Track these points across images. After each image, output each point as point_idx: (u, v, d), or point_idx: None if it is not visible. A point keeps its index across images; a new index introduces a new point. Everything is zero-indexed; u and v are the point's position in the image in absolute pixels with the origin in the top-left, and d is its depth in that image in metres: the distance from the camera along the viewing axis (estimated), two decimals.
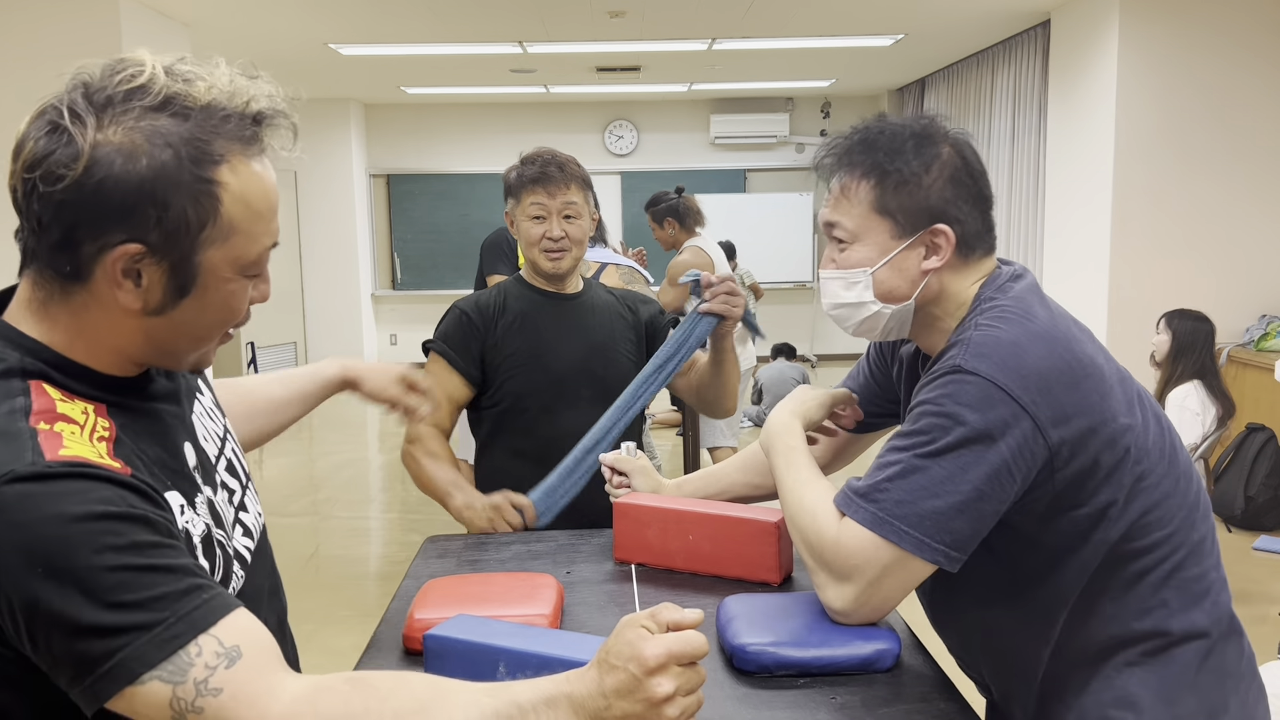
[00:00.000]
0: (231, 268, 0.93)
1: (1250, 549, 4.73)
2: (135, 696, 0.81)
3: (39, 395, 0.87)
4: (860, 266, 1.26)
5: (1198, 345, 3.88)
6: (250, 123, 0.92)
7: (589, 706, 0.85)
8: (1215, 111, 5.54)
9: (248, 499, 1.12)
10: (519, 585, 1.39)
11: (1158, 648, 1.19)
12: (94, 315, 0.91)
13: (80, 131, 0.84)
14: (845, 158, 1.28)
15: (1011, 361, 1.14)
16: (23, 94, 5.40)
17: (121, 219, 0.85)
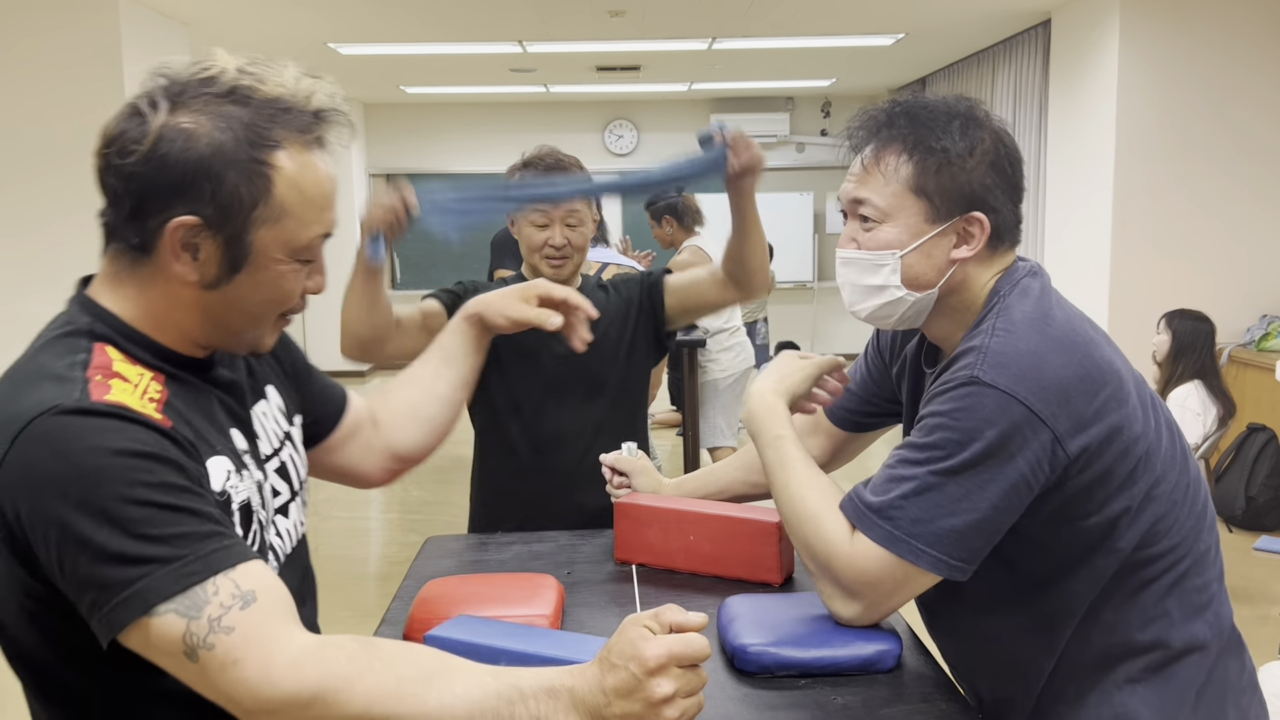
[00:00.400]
0: (283, 249, 0.98)
1: (1251, 549, 4.73)
2: (150, 629, 0.84)
3: (100, 354, 0.95)
4: (888, 248, 1.19)
5: (1198, 345, 3.88)
6: (310, 117, 0.99)
7: (589, 702, 0.85)
8: (1216, 111, 5.54)
9: (292, 506, 1.14)
10: (519, 585, 1.39)
11: (1159, 662, 1.17)
12: (158, 289, 0.99)
13: (153, 114, 0.94)
14: (886, 128, 1.20)
15: (1031, 372, 1.10)
16: (22, 92, 5.40)
17: (180, 192, 0.93)
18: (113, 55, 5.41)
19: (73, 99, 5.42)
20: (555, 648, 1.07)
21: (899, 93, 9.83)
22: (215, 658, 0.84)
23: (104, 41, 5.39)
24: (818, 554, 1.20)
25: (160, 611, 0.84)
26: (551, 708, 0.85)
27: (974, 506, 1.11)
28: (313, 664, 0.85)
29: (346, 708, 0.84)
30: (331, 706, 0.84)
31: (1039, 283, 1.22)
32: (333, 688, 0.84)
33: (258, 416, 1.12)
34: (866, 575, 1.16)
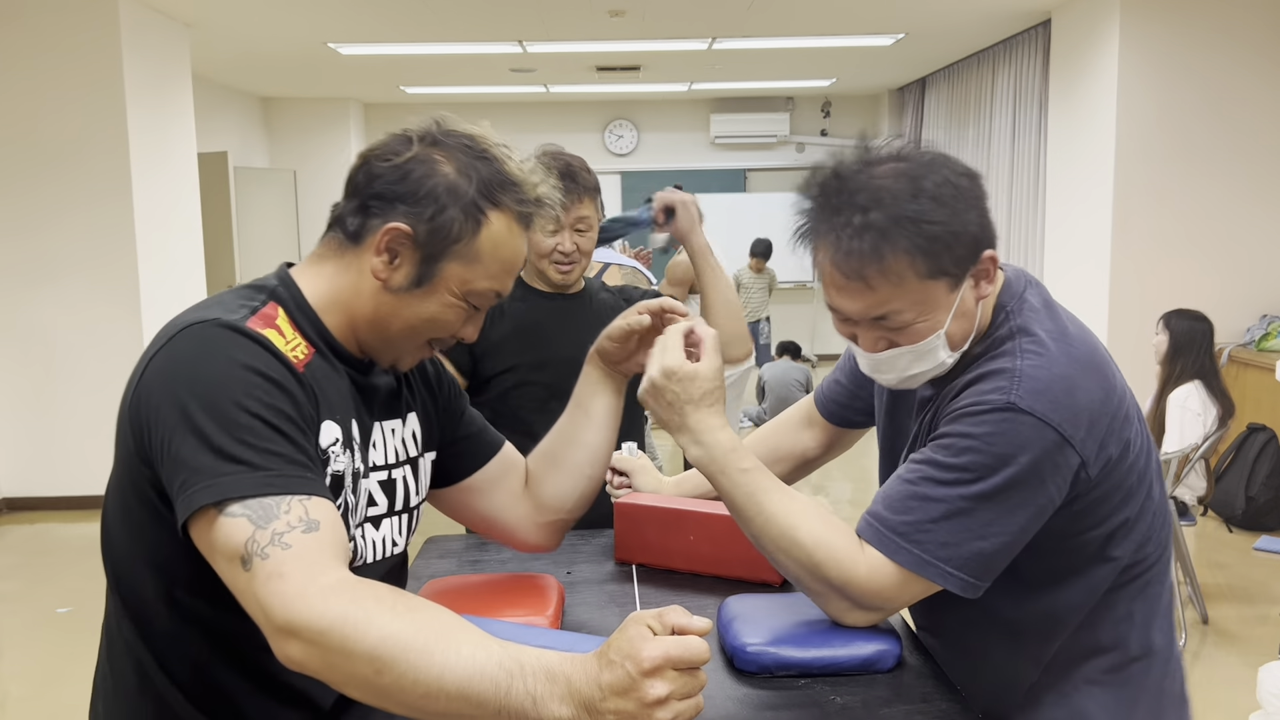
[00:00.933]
0: (460, 286, 1.11)
1: (1250, 549, 4.73)
2: (219, 525, 0.92)
3: (270, 309, 1.08)
4: (932, 334, 1.15)
5: (1195, 345, 3.88)
6: (532, 201, 1.14)
7: (584, 694, 0.86)
8: (1216, 110, 5.54)
9: (385, 523, 1.19)
10: (519, 586, 1.39)
11: (1117, 664, 1.20)
12: (350, 275, 1.12)
13: (417, 143, 1.11)
14: (866, 242, 1.09)
15: (1065, 399, 1.10)
16: (23, 92, 5.40)
17: (408, 203, 1.08)
18: (113, 55, 5.41)
19: (73, 99, 5.42)
20: (555, 648, 1.07)
21: (899, 93, 9.83)
22: (266, 567, 0.90)
23: (104, 41, 5.39)
24: (830, 580, 1.17)
25: (234, 512, 0.92)
26: (548, 690, 0.86)
27: (1004, 530, 1.11)
28: (342, 596, 0.88)
29: (360, 643, 0.86)
30: (348, 638, 0.86)
31: (1040, 295, 1.21)
32: (352, 621, 0.87)
33: (383, 429, 1.19)
34: (885, 591, 1.15)
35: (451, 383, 1.34)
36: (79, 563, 4.78)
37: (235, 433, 0.94)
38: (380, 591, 0.90)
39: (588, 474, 1.36)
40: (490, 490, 1.35)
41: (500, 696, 0.86)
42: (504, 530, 1.37)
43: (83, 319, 5.55)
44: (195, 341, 0.99)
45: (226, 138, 8.79)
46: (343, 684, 0.88)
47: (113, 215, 5.49)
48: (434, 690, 0.86)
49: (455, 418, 1.33)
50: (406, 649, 0.86)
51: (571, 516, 1.37)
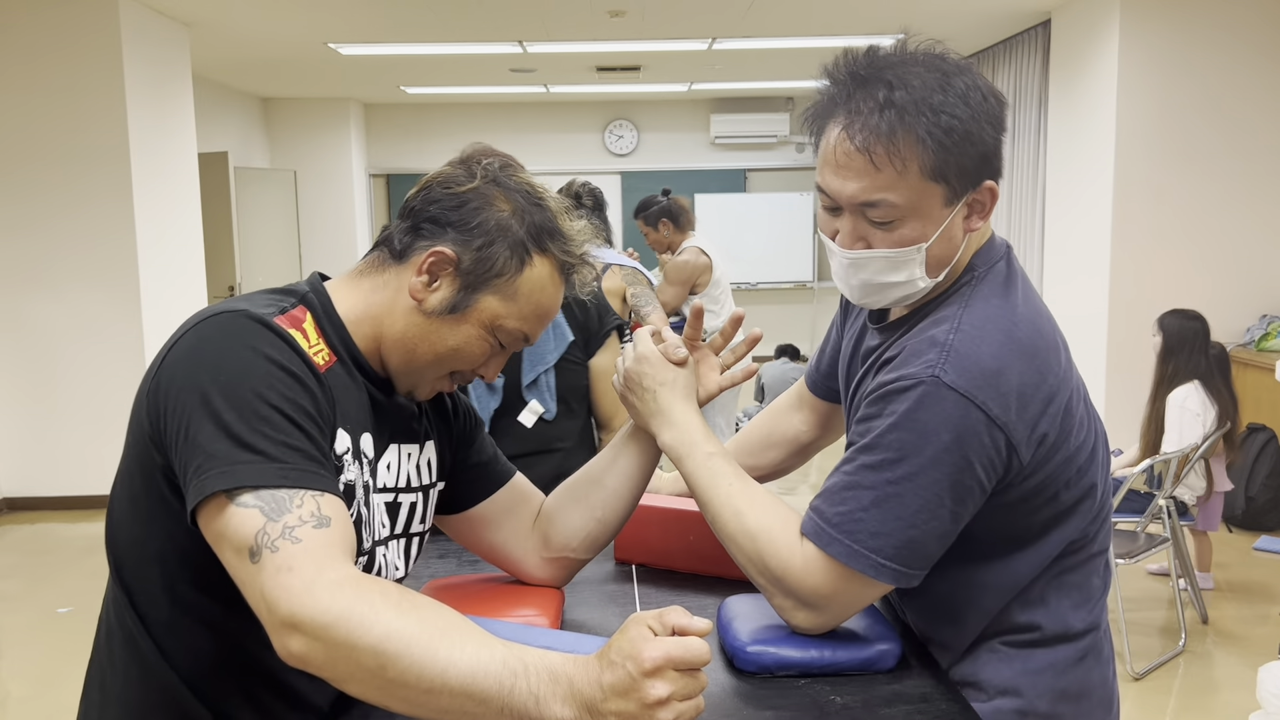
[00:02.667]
0: (492, 321, 1.13)
1: (1250, 549, 4.73)
2: (230, 514, 0.92)
3: (299, 312, 1.09)
4: (914, 244, 1.10)
5: (1187, 345, 3.87)
6: (576, 256, 1.17)
7: (585, 695, 0.86)
8: (1216, 110, 5.54)
9: (393, 545, 1.19)
10: (519, 586, 1.39)
11: (1030, 641, 1.20)
12: (388, 292, 1.14)
13: (480, 178, 1.15)
14: (886, 109, 1.06)
15: (994, 379, 1.07)
16: (23, 92, 5.40)
17: (460, 230, 1.11)
18: (113, 55, 5.41)
19: (73, 99, 5.42)
20: (555, 648, 1.07)
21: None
22: (275, 560, 0.90)
23: (104, 41, 5.39)
24: (771, 570, 1.16)
25: (246, 502, 0.92)
26: (551, 690, 0.86)
27: (934, 515, 1.08)
28: (348, 591, 0.88)
29: (365, 637, 0.86)
30: (352, 632, 0.86)
31: (1008, 270, 1.17)
32: (359, 615, 0.87)
33: (400, 451, 1.20)
34: (823, 587, 1.13)
35: (468, 411, 1.35)
36: (79, 563, 4.78)
37: (254, 423, 0.95)
38: (387, 588, 0.91)
39: (598, 516, 1.34)
40: (498, 521, 1.35)
41: (504, 695, 0.86)
42: (510, 562, 1.37)
43: (83, 319, 5.56)
44: (220, 330, 1.00)
45: (227, 138, 8.79)
46: (345, 679, 0.88)
47: (113, 216, 5.49)
48: (438, 686, 0.86)
49: (467, 445, 1.33)
50: (411, 644, 0.86)
51: (577, 556, 1.35)
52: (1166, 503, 3.76)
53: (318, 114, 9.87)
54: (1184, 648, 3.67)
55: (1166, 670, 3.53)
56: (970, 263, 1.17)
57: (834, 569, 1.12)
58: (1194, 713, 3.25)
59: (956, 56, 1.12)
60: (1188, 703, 3.31)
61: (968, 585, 1.20)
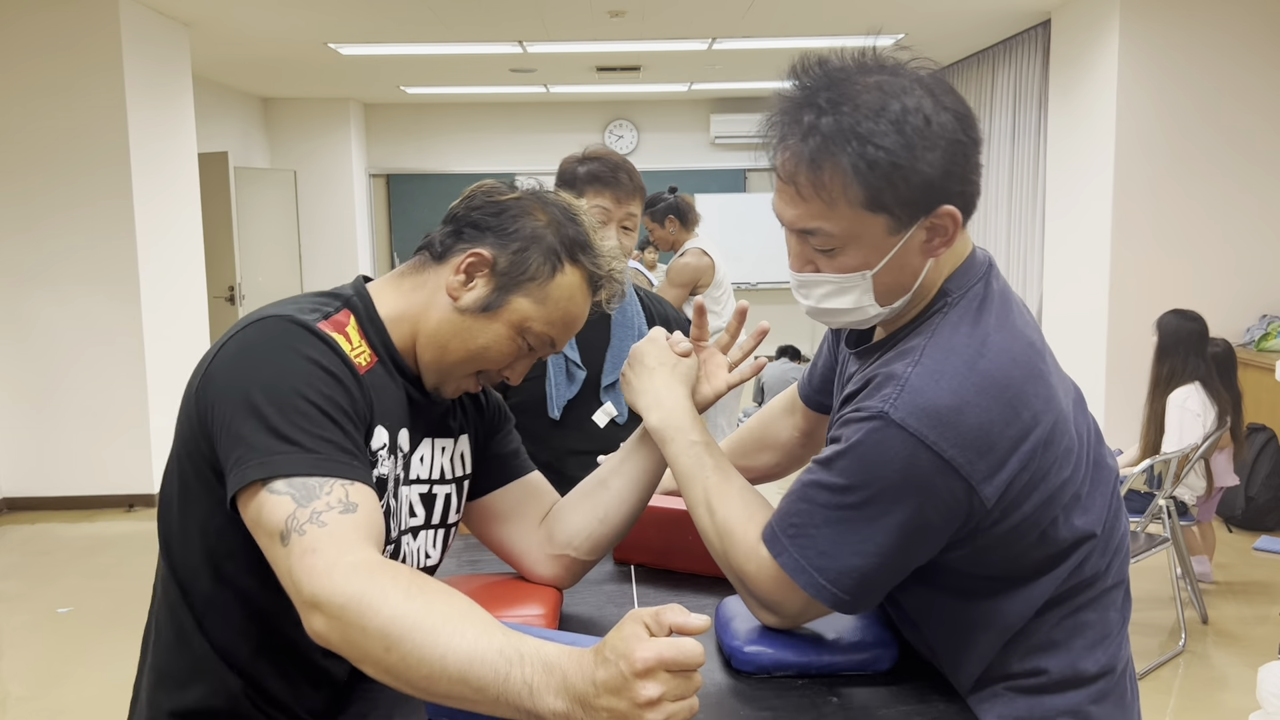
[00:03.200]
0: (522, 322, 1.18)
1: (1250, 549, 4.73)
2: (264, 501, 0.98)
3: (343, 315, 1.15)
4: (858, 270, 1.07)
5: (1181, 345, 3.87)
6: (604, 272, 1.22)
7: (578, 689, 0.86)
8: (1216, 111, 5.54)
9: (423, 534, 1.25)
10: (518, 585, 1.39)
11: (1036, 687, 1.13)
12: (426, 290, 1.19)
13: (523, 191, 1.22)
14: (811, 135, 1.02)
15: (949, 416, 1.00)
16: (23, 92, 5.40)
17: (498, 235, 1.18)
18: (112, 55, 5.41)
19: (73, 99, 5.42)
20: None
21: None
22: (302, 542, 0.95)
23: (104, 41, 5.39)
24: (734, 567, 1.17)
25: (279, 489, 0.98)
26: (544, 681, 0.87)
27: (878, 549, 1.05)
28: (364, 574, 0.92)
29: (372, 620, 0.90)
30: (362, 615, 0.90)
31: (986, 291, 1.11)
32: (368, 598, 0.91)
33: (434, 444, 1.26)
34: (774, 594, 1.13)
35: (499, 405, 1.40)
36: (79, 563, 4.78)
37: (291, 417, 1.01)
38: (399, 573, 0.94)
39: (601, 516, 1.35)
40: (508, 515, 1.38)
41: (499, 683, 0.87)
42: (515, 557, 1.39)
43: (83, 319, 5.56)
44: (266, 333, 1.07)
45: (227, 138, 8.80)
46: (359, 660, 0.92)
47: (113, 215, 5.49)
48: (436, 672, 0.88)
49: (492, 434, 1.38)
50: (414, 629, 0.89)
51: (579, 556, 1.36)
52: (1166, 503, 3.76)
53: (318, 114, 9.87)
54: (1184, 648, 3.67)
55: (1166, 670, 3.52)
56: (943, 287, 1.11)
57: (782, 578, 1.12)
58: (1194, 713, 3.25)
59: (922, 67, 1.06)
60: (1188, 703, 3.31)
61: (956, 624, 1.15)
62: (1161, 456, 3.66)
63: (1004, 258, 7.44)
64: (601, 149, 2.10)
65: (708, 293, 4.60)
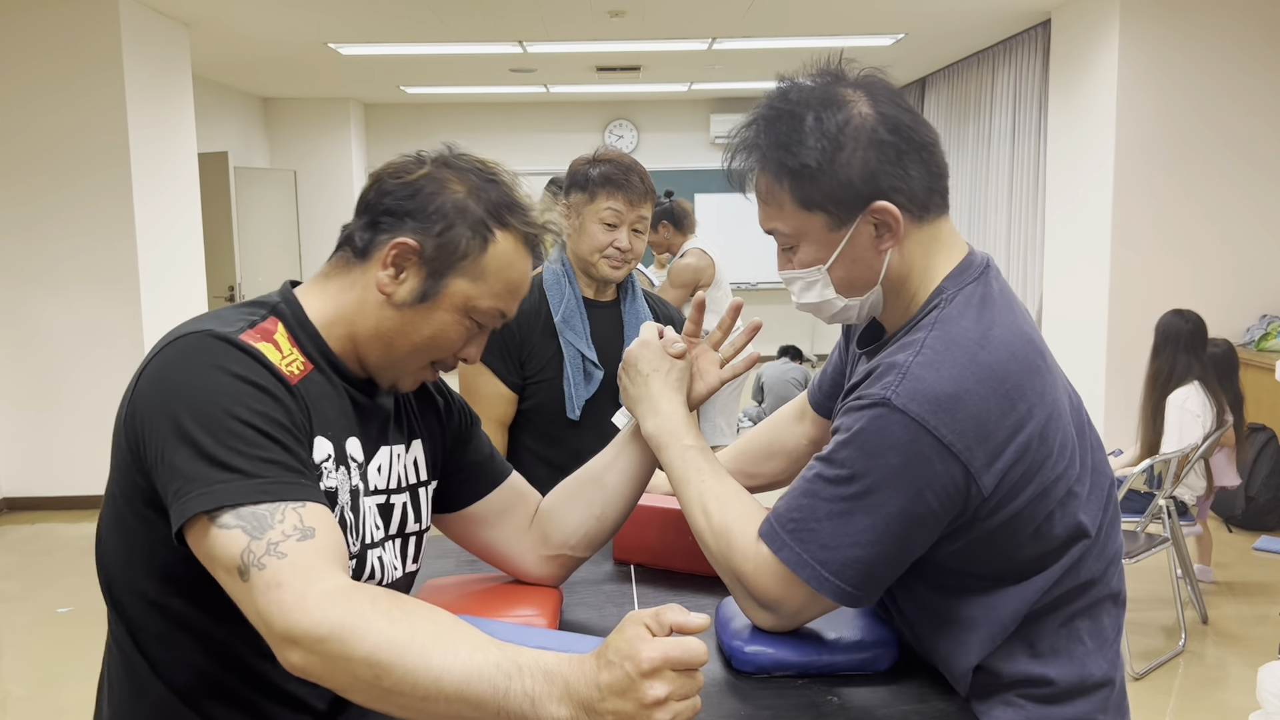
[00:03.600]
0: (464, 304, 1.12)
1: (1250, 549, 4.73)
2: (214, 537, 0.93)
3: (270, 323, 1.09)
4: (814, 265, 1.16)
5: (1171, 343, 3.87)
6: (538, 225, 1.17)
7: (582, 694, 0.86)
8: (1216, 111, 5.54)
9: (388, 546, 1.19)
10: (517, 586, 1.39)
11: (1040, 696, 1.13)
12: (355, 292, 1.13)
13: (431, 162, 1.15)
14: (752, 150, 1.16)
15: (948, 402, 1.03)
16: (23, 92, 5.40)
17: (418, 219, 1.11)
18: (112, 55, 5.41)
19: (73, 99, 5.42)
20: (552, 648, 1.07)
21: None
22: (263, 577, 0.91)
23: (104, 41, 5.39)
24: (731, 568, 1.17)
25: (227, 523, 0.93)
26: (546, 691, 0.86)
27: (880, 539, 1.06)
28: (339, 603, 0.89)
29: (357, 648, 0.87)
30: (345, 644, 0.87)
31: (985, 289, 1.14)
32: (350, 626, 0.88)
33: (388, 454, 1.20)
34: (774, 592, 1.13)
35: (462, 409, 1.35)
36: (79, 563, 4.78)
37: (227, 440, 0.95)
38: (376, 596, 0.91)
39: (597, 514, 1.35)
40: (494, 520, 1.36)
41: (499, 698, 0.86)
42: (507, 561, 1.37)
43: (83, 319, 5.56)
44: (185, 352, 1.01)
45: (227, 138, 8.80)
46: (346, 689, 0.90)
47: (113, 215, 5.49)
48: (432, 693, 0.86)
49: (463, 444, 1.34)
50: (403, 653, 0.87)
51: (575, 554, 1.36)
52: (1166, 503, 3.76)
53: (318, 114, 9.87)
54: (1184, 648, 3.67)
55: (1166, 670, 3.53)
56: (940, 285, 1.15)
57: (783, 573, 1.12)
58: (1194, 713, 3.25)
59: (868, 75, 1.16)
60: (1188, 703, 3.31)
61: (948, 623, 1.15)
62: (1161, 456, 3.66)
63: (1004, 258, 7.44)
64: (613, 151, 2.11)
65: (708, 292, 4.61)
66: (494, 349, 2.06)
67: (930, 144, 1.14)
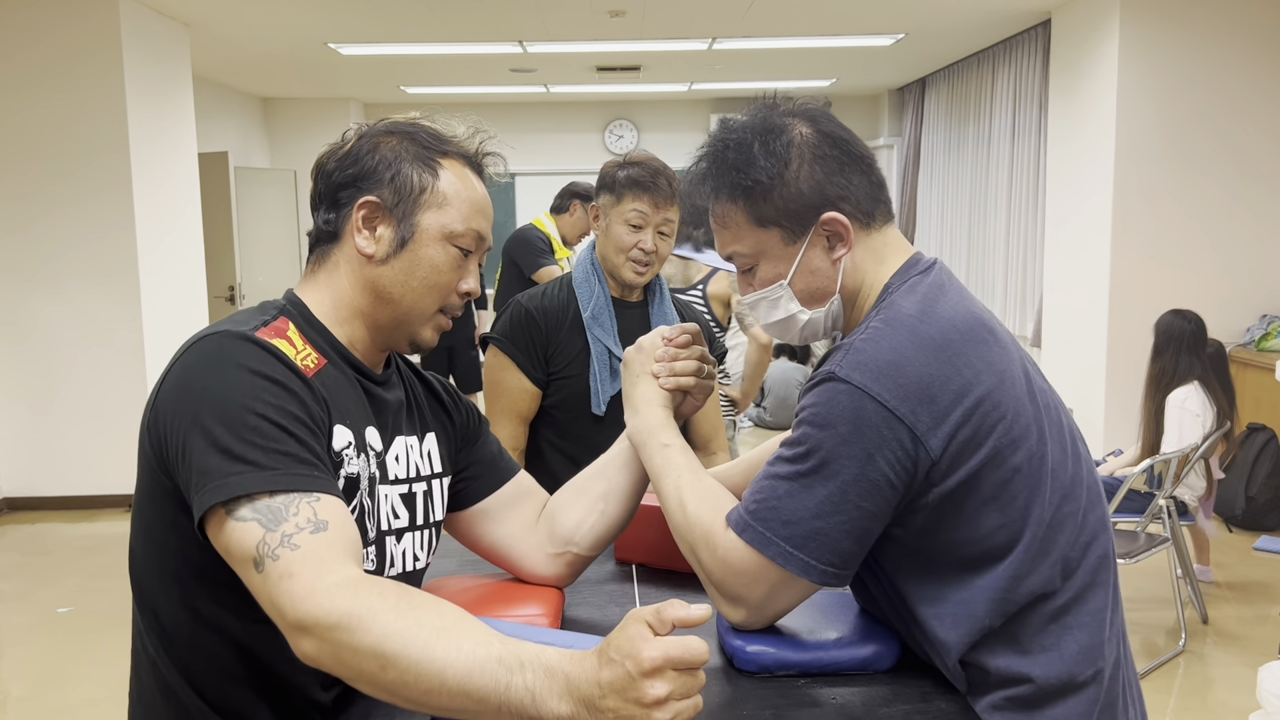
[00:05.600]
0: (441, 231, 1.16)
1: (1250, 549, 4.73)
2: (230, 529, 0.95)
3: (281, 322, 1.13)
4: (774, 282, 1.22)
5: (1173, 343, 3.87)
6: (474, 153, 1.22)
7: (582, 692, 0.86)
8: (1216, 110, 5.54)
9: (409, 537, 1.21)
10: (519, 585, 1.39)
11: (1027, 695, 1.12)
12: (342, 270, 1.17)
13: (358, 131, 1.20)
14: (704, 182, 1.24)
15: (890, 370, 1.08)
16: (23, 92, 5.40)
17: (366, 178, 1.15)
18: (113, 55, 5.41)
19: (73, 99, 5.42)
20: (554, 646, 1.07)
21: (899, 93, 9.83)
22: (277, 568, 0.93)
23: (104, 41, 5.39)
24: (700, 560, 1.19)
25: (243, 516, 0.95)
26: (546, 686, 0.86)
27: (838, 509, 1.09)
28: (347, 592, 0.91)
29: (364, 638, 0.89)
30: (353, 633, 0.89)
31: (930, 278, 1.18)
32: (357, 616, 0.89)
33: (402, 443, 1.23)
34: (741, 577, 1.14)
35: (469, 407, 1.37)
36: (79, 563, 4.78)
37: (243, 434, 0.98)
38: (385, 588, 0.92)
39: (600, 509, 1.36)
40: (502, 517, 1.36)
41: (500, 692, 0.87)
42: (514, 560, 1.38)
43: (83, 319, 5.56)
44: (204, 354, 1.04)
45: (227, 138, 8.80)
46: (354, 679, 0.91)
47: (113, 215, 5.49)
48: (436, 686, 0.87)
49: (471, 441, 1.35)
50: (408, 645, 0.88)
51: (582, 552, 1.36)
52: (1166, 503, 3.76)
53: (318, 114, 9.87)
54: (1184, 648, 3.67)
55: (1166, 670, 3.53)
56: (887, 283, 1.21)
57: (751, 557, 1.13)
58: (1194, 713, 3.25)
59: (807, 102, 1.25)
60: (1188, 703, 3.31)
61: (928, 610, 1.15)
62: (1161, 456, 3.66)
63: (1004, 258, 7.44)
64: (643, 154, 2.14)
65: None
66: (520, 344, 2.08)
67: (868, 157, 1.23)
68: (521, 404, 2.09)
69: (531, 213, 6.93)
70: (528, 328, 2.08)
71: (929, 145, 9.08)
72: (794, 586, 1.14)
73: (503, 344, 2.09)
